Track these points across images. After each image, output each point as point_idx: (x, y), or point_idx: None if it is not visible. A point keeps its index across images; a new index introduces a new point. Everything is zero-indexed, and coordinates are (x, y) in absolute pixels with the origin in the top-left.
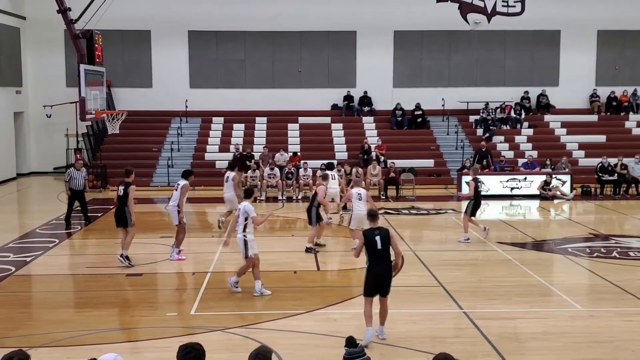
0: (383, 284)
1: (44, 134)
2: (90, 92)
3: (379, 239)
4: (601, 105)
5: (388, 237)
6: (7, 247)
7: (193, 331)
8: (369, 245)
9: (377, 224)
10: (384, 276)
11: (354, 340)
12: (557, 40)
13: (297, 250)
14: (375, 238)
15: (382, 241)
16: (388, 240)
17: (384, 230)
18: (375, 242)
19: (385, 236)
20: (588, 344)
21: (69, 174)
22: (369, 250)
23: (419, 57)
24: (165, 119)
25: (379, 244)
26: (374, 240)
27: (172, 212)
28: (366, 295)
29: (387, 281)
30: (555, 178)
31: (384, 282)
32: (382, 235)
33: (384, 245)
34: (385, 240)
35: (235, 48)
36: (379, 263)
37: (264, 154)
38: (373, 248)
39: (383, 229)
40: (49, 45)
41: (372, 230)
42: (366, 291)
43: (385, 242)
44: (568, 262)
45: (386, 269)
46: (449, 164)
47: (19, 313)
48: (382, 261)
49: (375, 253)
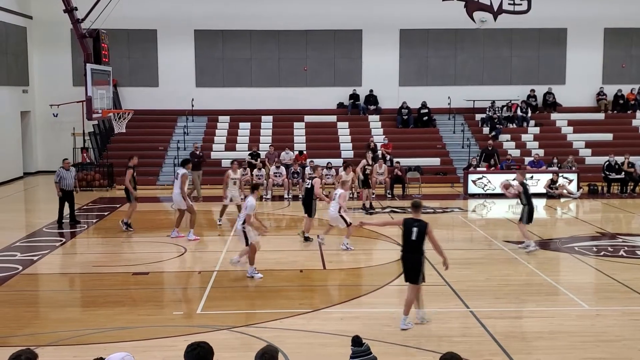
0: (407, 270)
1: (50, 133)
2: (96, 91)
3: (415, 230)
4: (608, 103)
5: (425, 230)
6: (14, 246)
7: (199, 330)
8: (405, 234)
9: (419, 215)
10: (411, 263)
11: (359, 340)
12: (563, 38)
13: (303, 249)
14: (412, 229)
15: (418, 233)
16: (424, 234)
17: (423, 223)
18: (411, 233)
19: (422, 229)
20: (595, 343)
21: (59, 175)
22: (404, 238)
23: (425, 55)
24: (172, 118)
25: (414, 234)
26: (410, 230)
27: (177, 199)
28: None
29: (412, 270)
30: (562, 176)
31: (408, 269)
32: (420, 228)
33: (418, 237)
34: (421, 233)
35: (241, 47)
36: (408, 252)
37: (269, 153)
38: (407, 237)
39: (422, 222)
40: (55, 45)
41: (412, 220)
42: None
43: (420, 234)
44: (575, 261)
45: (414, 258)
46: (455, 162)
47: (25, 312)
48: (412, 251)
49: (408, 242)
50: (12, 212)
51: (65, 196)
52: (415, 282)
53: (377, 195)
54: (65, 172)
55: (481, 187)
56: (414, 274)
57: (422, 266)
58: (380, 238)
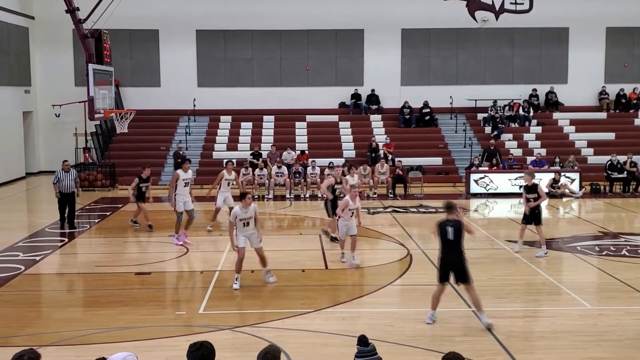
0: (453, 271)
1: (52, 133)
2: (98, 91)
3: (451, 230)
4: (610, 102)
5: (460, 229)
6: (17, 246)
7: (201, 330)
8: (442, 235)
9: (452, 216)
10: (454, 264)
11: (366, 339)
12: (565, 38)
13: (305, 249)
14: (447, 228)
15: (454, 232)
16: (460, 232)
17: (457, 223)
18: (447, 232)
19: (457, 228)
20: (597, 342)
21: (57, 176)
22: (441, 241)
23: (426, 55)
24: (174, 118)
25: (450, 234)
26: (446, 230)
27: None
28: (438, 281)
29: (459, 269)
30: (564, 176)
31: (454, 269)
32: (455, 227)
33: (455, 236)
34: (457, 231)
35: (242, 47)
36: (448, 252)
37: (271, 153)
38: (444, 238)
39: (457, 222)
40: (57, 45)
41: (446, 221)
42: (437, 278)
43: (457, 233)
44: (577, 261)
45: (456, 258)
46: (457, 162)
47: (28, 312)
48: (452, 251)
49: (446, 243)
50: (14, 212)
51: (64, 199)
52: (468, 282)
53: (379, 195)
54: (64, 174)
55: (483, 187)
56: (462, 274)
57: (466, 264)
58: (382, 238)
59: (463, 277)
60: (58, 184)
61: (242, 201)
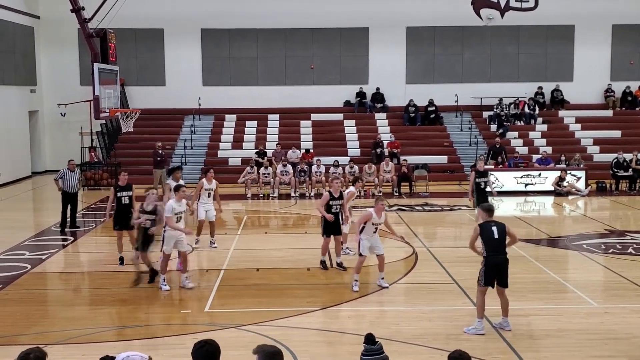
0: (500, 274)
1: (58, 132)
2: (104, 90)
3: (495, 229)
4: (616, 100)
5: (504, 228)
6: (23, 245)
7: (207, 328)
8: (486, 236)
9: (492, 217)
10: (501, 266)
11: (373, 338)
12: (571, 35)
13: (310, 247)
14: (492, 229)
15: (498, 232)
16: (504, 232)
17: (501, 223)
18: (492, 232)
19: (502, 227)
20: (603, 340)
21: (61, 175)
22: (486, 242)
23: (431, 53)
24: (178, 117)
25: (496, 234)
26: (490, 230)
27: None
28: (482, 285)
29: (504, 271)
30: (570, 174)
31: (500, 272)
32: (499, 227)
33: (500, 235)
34: (502, 231)
35: (247, 46)
36: (496, 253)
37: (276, 151)
38: (490, 238)
39: (499, 222)
40: (63, 44)
41: (489, 222)
42: (483, 281)
43: (501, 233)
44: (583, 259)
45: (502, 259)
46: (463, 160)
47: (34, 310)
48: (498, 251)
49: (492, 242)
50: (20, 211)
51: (67, 199)
52: (507, 286)
53: (384, 193)
54: (70, 174)
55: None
56: (505, 278)
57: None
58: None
59: (505, 282)
60: (62, 183)
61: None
